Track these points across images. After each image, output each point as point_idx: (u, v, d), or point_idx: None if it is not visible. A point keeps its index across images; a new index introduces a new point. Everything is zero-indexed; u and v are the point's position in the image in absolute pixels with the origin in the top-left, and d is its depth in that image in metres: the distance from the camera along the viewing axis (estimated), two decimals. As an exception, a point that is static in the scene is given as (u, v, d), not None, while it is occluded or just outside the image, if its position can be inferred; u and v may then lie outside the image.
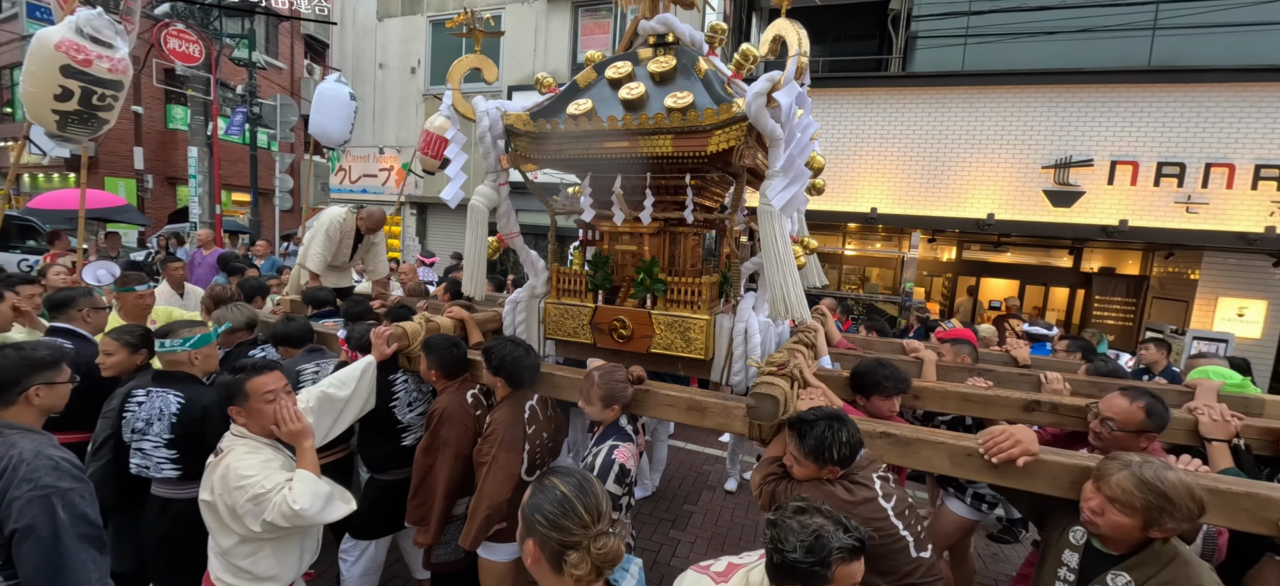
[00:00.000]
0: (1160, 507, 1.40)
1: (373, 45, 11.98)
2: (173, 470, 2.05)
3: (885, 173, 8.44)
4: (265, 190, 13.97)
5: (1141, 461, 1.46)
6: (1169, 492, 1.39)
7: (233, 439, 1.82)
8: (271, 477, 1.72)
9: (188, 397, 2.08)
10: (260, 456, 1.77)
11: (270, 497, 1.68)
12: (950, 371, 2.82)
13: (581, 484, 1.20)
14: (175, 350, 2.15)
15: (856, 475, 1.75)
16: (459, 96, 2.56)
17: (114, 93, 4.14)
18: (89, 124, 4.14)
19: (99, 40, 3.97)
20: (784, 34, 2.03)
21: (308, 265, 4.11)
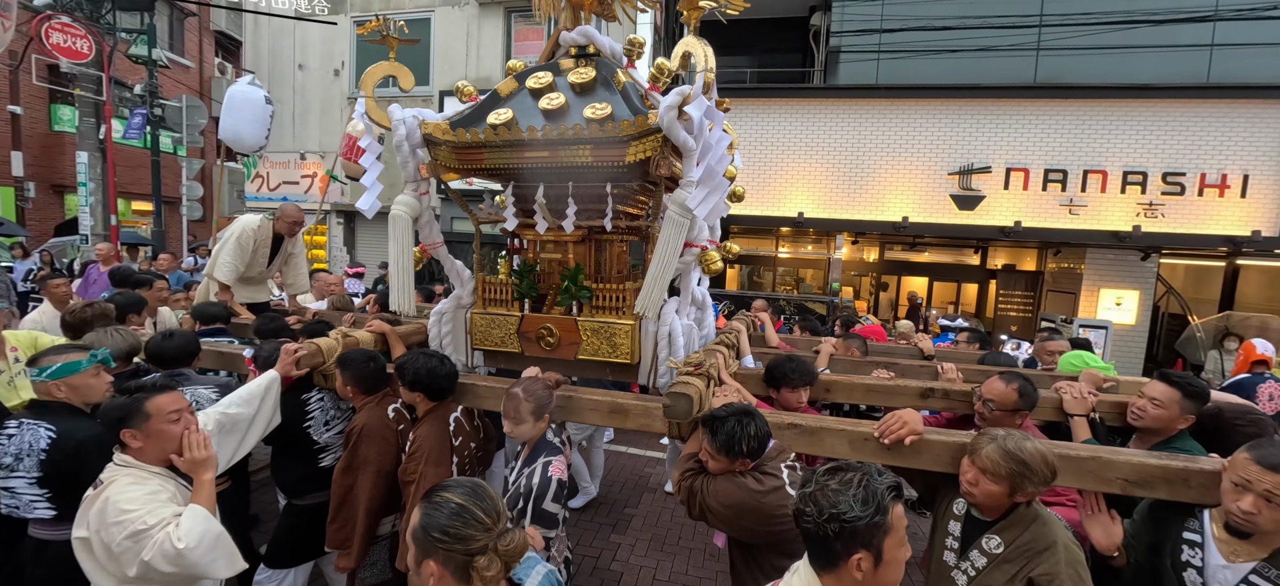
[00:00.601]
0: (1022, 474, 1.59)
1: (291, 44, 11.34)
2: (47, 510, 1.87)
3: (811, 179, 8.89)
4: (170, 199, 12.89)
5: (1006, 435, 1.65)
6: (1027, 460, 1.58)
7: (115, 468, 1.66)
8: (156, 512, 1.56)
9: (60, 431, 1.89)
10: (146, 488, 1.61)
11: (152, 534, 1.52)
12: (860, 365, 3.03)
13: (473, 489, 1.20)
14: (40, 380, 1.96)
15: (766, 466, 1.86)
16: (373, 104, 2.50)
17: None
18: None
19: None
20: (692, 50, 2.13)
21: (216, 275, 3.83)
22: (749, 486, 1.78)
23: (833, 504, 1.17)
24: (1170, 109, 7.78)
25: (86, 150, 10.09)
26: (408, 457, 2.18)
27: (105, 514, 1.55)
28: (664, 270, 2.22)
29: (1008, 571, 1.65)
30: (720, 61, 9.34)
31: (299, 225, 4.09)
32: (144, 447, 1.68)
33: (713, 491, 1.83)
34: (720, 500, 1.81)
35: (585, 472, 4.24)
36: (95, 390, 2.05)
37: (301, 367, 2.35)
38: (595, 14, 2.96)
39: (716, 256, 2.57)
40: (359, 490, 2.17)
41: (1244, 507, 1.49)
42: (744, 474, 1.82)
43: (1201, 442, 2.15)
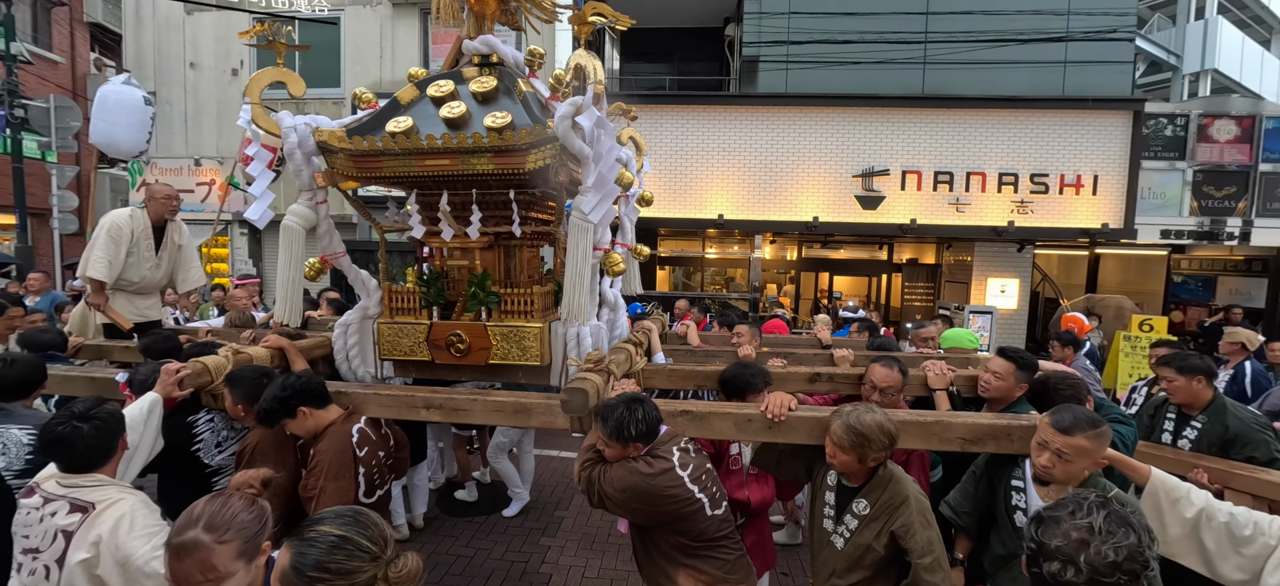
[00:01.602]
0: (863, 443, 1.83)
1: (180, 41, 10.46)
2: None
3: (729, 182, 9.30)
4: (39, 210, 11.50)
5: (850, 410, 1.88)
6: (865, 431, 1.82)
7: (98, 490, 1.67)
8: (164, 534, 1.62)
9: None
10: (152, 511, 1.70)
11: None
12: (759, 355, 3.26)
13: (354, 517, 1.13)
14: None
15: (657, 450, 1.99)
16: (259, 111, 2.42)
17: None
18: None
19: None
20: (583, 64, 2.24)
21: (90, 273, 3.42)
22: (640, 470, 1.91)
23: (1115, 548, 1.02)
24: (1034, 118, 8.83)
25: (-74, 157, 8.81)
26: (307, 473, 2.13)
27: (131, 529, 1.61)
28: (579, 274, 2.30)
29: (875, 528, 1.88)
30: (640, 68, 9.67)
31: (174, 203, 3.64)
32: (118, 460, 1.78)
33: (608, 478, 1.94)
34: (615, 485, 1.92)
35: (517, 479, 4.24)
36: None
37: (185, 388, 2.24)
38: (500, 23, 3.01)
39: (618, 258, 2.69)
40: (253, 509, 2.10)
41: (1042, 462, 1.79)
42: (636, 459, 1.95)
43: (1036, 407, 2.52)
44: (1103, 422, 1.74)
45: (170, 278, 3.83)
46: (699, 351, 3.48)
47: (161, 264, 3.64)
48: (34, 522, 1.65)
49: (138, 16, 10.66)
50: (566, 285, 2.34)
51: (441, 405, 2.31)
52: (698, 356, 3.40)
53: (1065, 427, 1.73)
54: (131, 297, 3.58)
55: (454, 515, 4.23)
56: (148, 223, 3.59)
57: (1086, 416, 1.73)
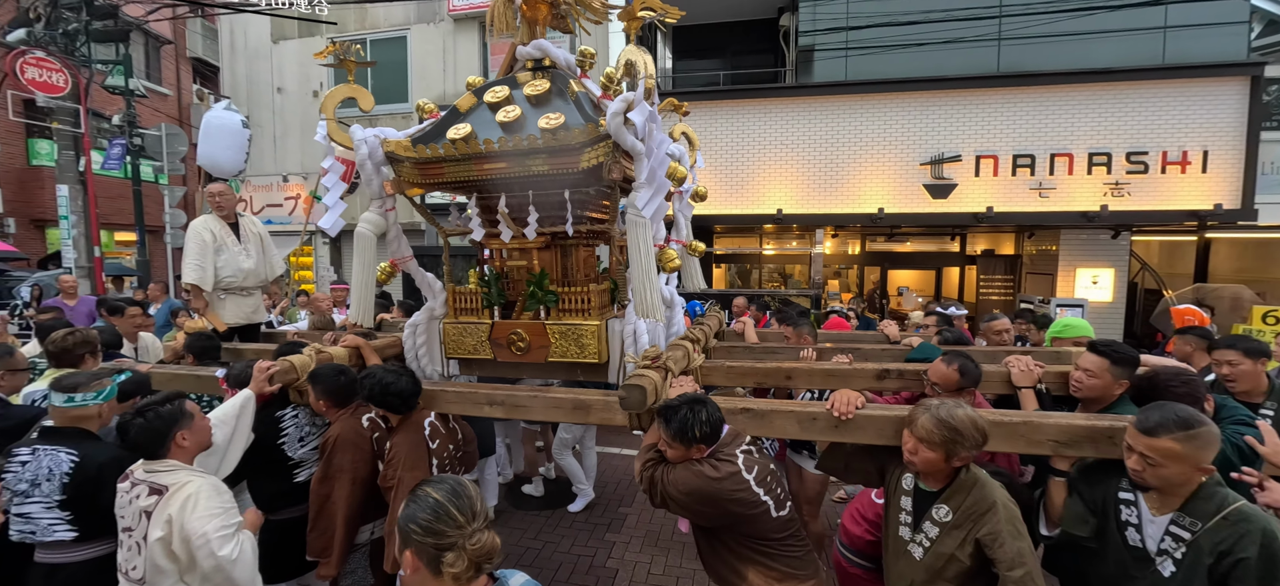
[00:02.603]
0: (954, 439, 1.69)
1: (268, 68, 11.39)
2: (67, 532, 1.94)
3: (788, 176, 9.03)
4: (154, 228, 12.85)
5: (938, 404, 1.75)
6: (958, 426, 1.68)
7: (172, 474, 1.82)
8: (232, 517, 1.81)
9: (82, 455, 1.97)
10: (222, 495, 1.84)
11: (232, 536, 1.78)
12: (823, 353, 3.14)
13: (454, 488, 1.23)
14: (85, 404, 2.03)
15: (722, 452, 1.95)
16: (334, 126, 2.58)
17: None
18: None
19: None
20: (633, 59, 2.23)
21: (185, 279, 3.79)
22: (705, 473, 1.87)
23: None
24: (1130, 91, 8.00)
25: (66, 183, 10.07)
26: (386, 465, 2.25)
27: (195, 509, 1.75)
28: (647, 271, 2.30)
29: (957, 536, 1.75)
30: (693, 65, 9.60)
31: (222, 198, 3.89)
32: (188, 447, 1.88)
33: (672, 479, 1.91)
34: (679, 487, 1.90)
35: (581, 475, 4.29)
36: (113, 413, 2.16)
37: (275, 384, 2.42)
38: (552, 27, 3.06)
39: (674, 254, 2.66)
40: (336, 498, 2.24)
41: (1131, 466, 1.60)
42: (700, 461, 1.91)
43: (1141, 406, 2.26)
44: (1199, 423, 1.52)
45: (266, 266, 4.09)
46: (757, 349, 3.39)
47: (250, 253, 3.91)
48: (125, 504, 1.85)
49: (232, 48, 11.71)
50: (635, 282, 2.33)
51: (503, 401, 2.37)
52: (756, 354, 3.31)
53: (1149, 428, 1.55)
54: (238, 300, 3.88)
55: (521, 509, 4.34)
56: (221, 222, 3.89)
57: (1177, 416, 1.53)
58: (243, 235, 3.91)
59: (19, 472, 1.97)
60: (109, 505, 1.91)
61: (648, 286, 2.39)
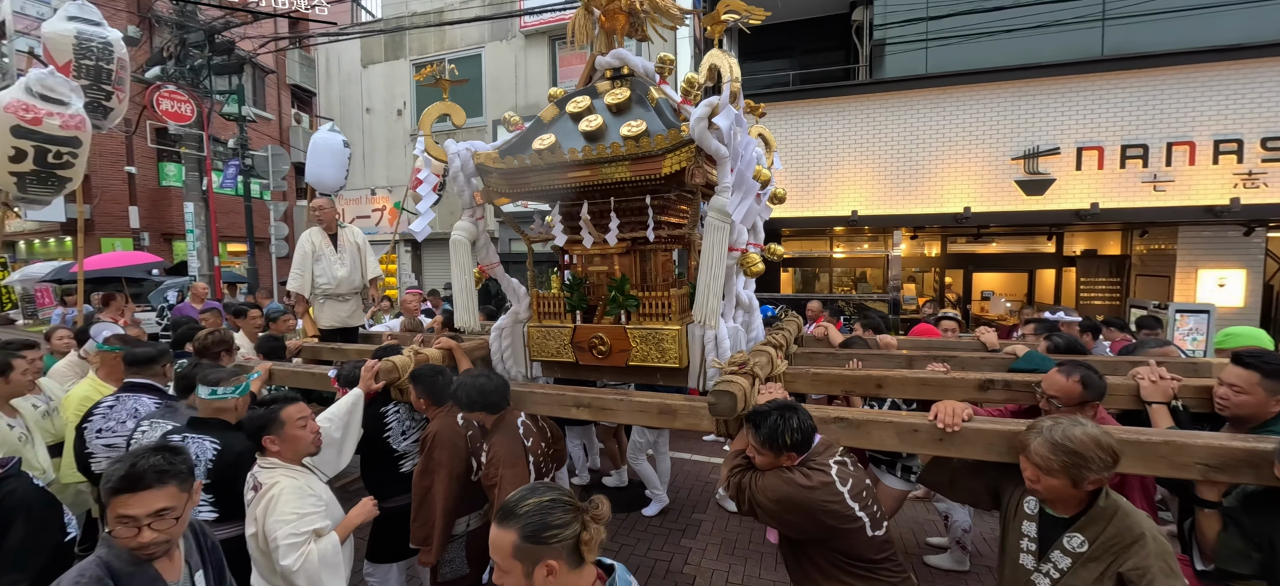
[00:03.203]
0: (1076, 463, 1.53)
1: (359, 91, 12.32)
2: (210, 512, 2.17)
3: (863, 176, 8.67)
4: (260, 239, 14.21)
5: (1052, 425, 1.59)
6: (1077, 448, 1.52)
7: (269, 472, 1.94)
8: (306, 522, 1.88)
9: (223, 444, 2.19)
10: (304, 498, 1.92)
11: (297, 546, 1.84)
12: (912, 360, 2.97)
13: (544, 485, 1.27)
14: (225, 398, 2.28)
15: (814, 461, 1.88)
16: (431, 142, 2.74)
17: (71, 150, 4.03)
18: (49, 184, 4.07)
19: (50, 98, 3.93)
20: (717, 63, 2.22)
21: (289, 287, 4.17)
22: (796, 482, 1.82)
23: None
24: (1262, 69, 7.05)
25: (192, 201, 11.33)
26: (487, 464, 2.33)
27: (271, 512, 1.85)
28: (714, 276, 2.29)
29: (1094, 569, 1.56)
30: (760, 67, 9.44)
31: (325, 212, 4.21)
32: (282, 450, 1.99)
33: (761, 487, 1.87)
34: (768, 495, 1.85)
35: (655, 480, 4.29)
36: (246, 407, 2.39)
37: (380, 382, 2.60)
38: (628, 36, 3.11)
39: (757, 258, 2.62)
40: (435, 491, 2.36)
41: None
42: (791, 469, 1.86)
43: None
44: None
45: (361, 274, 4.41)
46: (842, 354, 3.26)
47: (346, 262, 4.26)
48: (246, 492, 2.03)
49: (328, 74, 12.75)
50: (698, 287, 2.33)
51: (589, 404, 2.42)
52: (841, 360, 3.19)
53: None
54: (334, 305, 4.23)
55: (596, 510, 4.40)
56: (323, 234, 4.23)
57: None
58: (340, 245, 4.24)
59: None
60: (242, 489, 2.11)
61: (711, 291, 2.37)
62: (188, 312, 7.35)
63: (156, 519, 1.42)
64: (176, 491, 1.46)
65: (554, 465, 2.54)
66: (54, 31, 4.50)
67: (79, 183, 4.30)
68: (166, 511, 1.44)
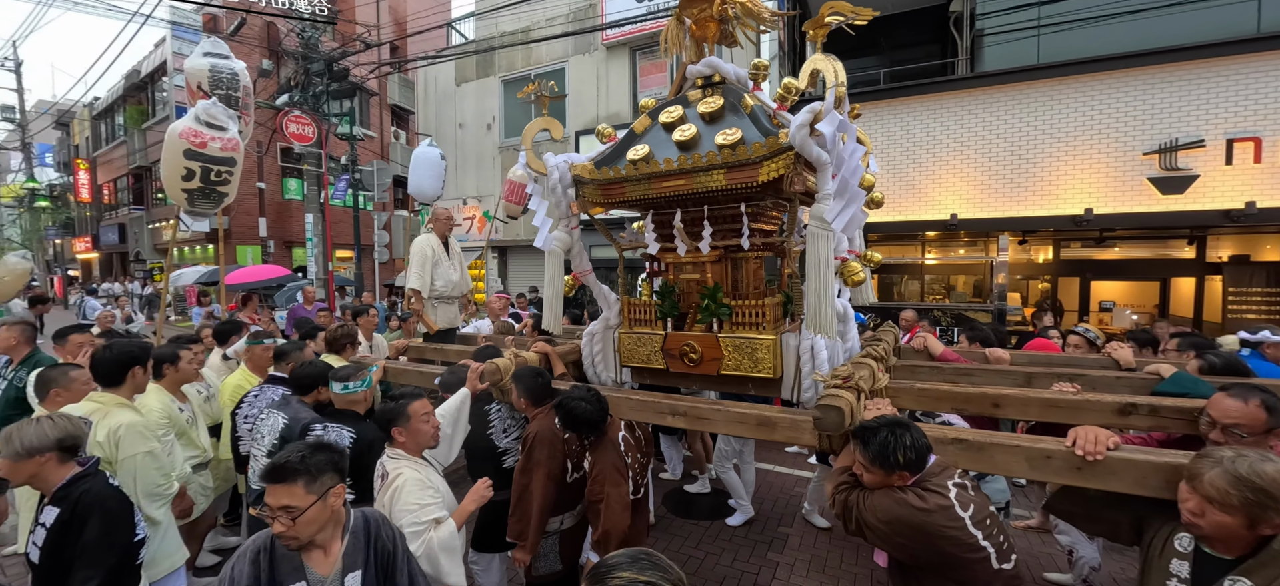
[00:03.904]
0: (1261, 503, 1.34)
1: (453, 108, 13.19)
2: (347, 495, 2.42)
3: (963, 177, 8.08)
4: (365, 246, 15.56)
5: (1235, 456, 1.40)
6: (1268, 487, 1.33)
7: (395, 462, 2.11)
8: (426, 512, 2.01)
9: (358, 433, 2.44)
10: (424, 490, 2.06)
11: (419, 534, 1.98)
12: (1033, 377, 2.72)
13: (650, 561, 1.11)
14: (354, 391, 2.53)
15: (929, 482, 1.77)
16: (532, 156, 2.88)
17: (227, 169, 4.64)
18: (211, 198, 4.72)
19: (213, 124, 4.56)
20: (821, 68, 2.16)
21: (409, 286, 4.53)
22: (910, 502, 1.72)
23: None
24: None
25: (311, 213, 12.62)
26: (591, 481, 2.39)
27: (395, 502, 2.01)
28: (824, 284, 2.23)
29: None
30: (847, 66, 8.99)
31: (452, 222, 4.57)
32: (406, 442, 2.14)
33: (870, 506, 1.79)
34: (877, 515, 1.77)
35: (741, 490, 4.22)
36: (372, 398, 2.64)
37: (484, 382, 2.76)
38: (718, 43, 3.10)
39: (858, 267, 2.52)
40: (532, 489, 2.46)
41: None
42: (904, 489, 1.76)
43: None
44: None
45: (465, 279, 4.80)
46: (948, 369, 3.05)
47: (456, 267, 4.62)
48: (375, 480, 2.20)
49: (425, 93, 13.76)
50: (810, 295, 2.26)
51: (686, 412, 2.42)
52: (947, 374, 2.99)
53: None
54: (445, 307, 4.57)
55: (678, 515, 4.40)
56: (438, 240, 4.57)
57: None
58: (451, 252, 4.57)
59: None
60: (371, 475, 2.31)
61: (823, 301, 2.29)
62: (302, 313, 8.22)
63: (283, 512, 1.47)
64: (302, 492, 1.49)
65: (645, 477, 2.58)
66: (193, 66, 5.20)
67: (233, 197, 4.93)
68: (290, 508, 1.47)
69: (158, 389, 3.00)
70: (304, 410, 2.65)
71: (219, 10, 14.37)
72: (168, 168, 4.40)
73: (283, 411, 2.68)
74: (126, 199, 22.08)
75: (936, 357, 3.34)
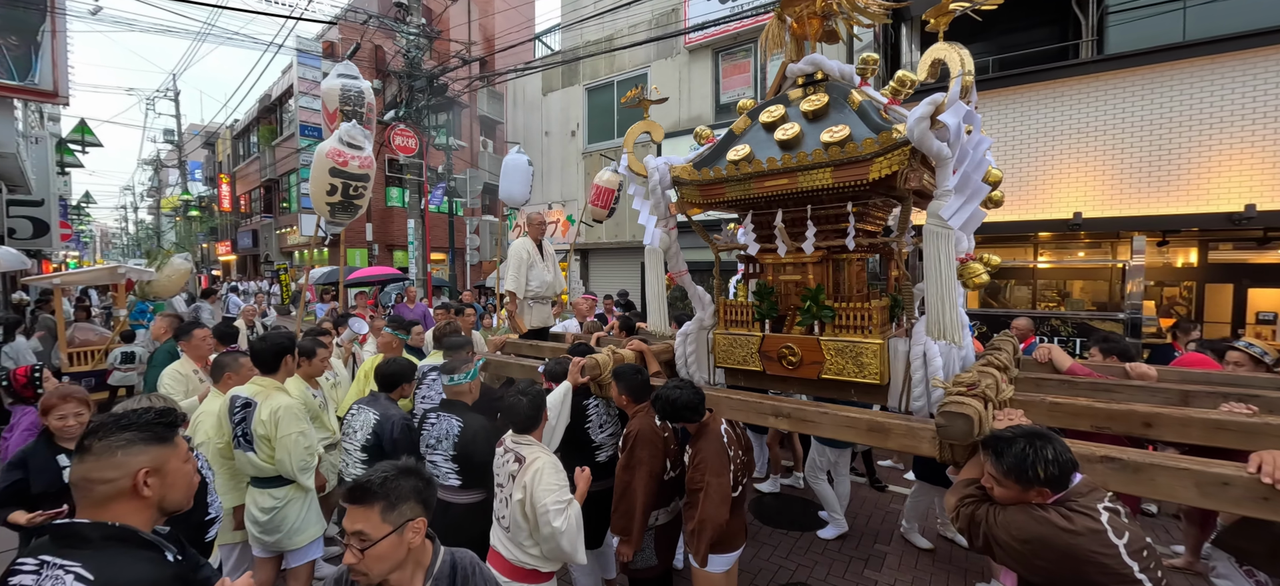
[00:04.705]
0: None
1: (540, 117, 13.78)
2: (455, 479, 2.61)
3: (1088, 172, 7.29)
4: (458, 248, 16.61)
5: None
6: None
7: (530, 449, 2.28)
8: (564, 493, 2.19)
9: (465, 422, 2.63)
10: (559, 473, 2.23)
11: (564, 510, 2.14)
12: (1190, 395, 2.41)
13: None
14: (461, 382, 2.74)
15: (1076, 502, 1.62)
16: (634, 158, 2.95)
17: (363, 183, 5.21)
18: (348, 210, 5.28)
19: (353, 145, 5.11)
20: (944, 57, 2.04)
21: (504, 287, 4.80)
22: (1053, 521, 1.58)
23: None
24: None
25: (413, 218, 13.68)
26: (692, 469, 2.43)
27: (538, 481, 2.16)
28: (946, 286, 2.12)
29: None
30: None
31: (545, 225, 4.80)
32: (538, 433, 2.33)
33: (1004, 522, 1.66)
34: (1012, 532, 1.64)
35: (835, 502, 4.06)
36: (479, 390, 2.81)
37: (584, 377, 2.86)
38: (819, 40, 3.02)
39: (980, 269, 2.36)
40: (635, 486, 2.52)
41: None
42: (1044, 507, 1.62)
43: None
44: None
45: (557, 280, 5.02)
46: (1081, 383, 2.77)
47: (550, 268, 4.84)
48: (500, 466, 2.34)
49: (514, 102, 14.49)
50: (930, 298, 2.15)
51: (789, 414, 2.38)
52: (1080, 389, 2.71)
53: None
54: (539, 307, 4.80)
55: (764, 522, 4.31)
56: (532, 243, 4.79)
57: None
58: (545, 254, 4.78)
59: (430, 430, 2.70)
60: (482, 462, 2.48)
61: (945, 304, 2.16)
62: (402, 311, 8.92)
63: (355, 538, 1.29)
64: (377, 519, 1.30)
65: (747, 475, 2.55)
66: (328, 87, 5.79)
67: (365, 209, 5.48)
68: (362, 536, 1.29)
69: (295, 378, 3.37)
70: (392, 407, 2.86)
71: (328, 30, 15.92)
72: (315, 184, 4.97)
73: (372, 408, 2.91)
74: (258, 208, 25.07)
75: (1064, 372, 3.04)
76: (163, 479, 1.25)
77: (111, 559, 1.13)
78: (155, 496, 1.24)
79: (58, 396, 2.42)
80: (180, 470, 1.31)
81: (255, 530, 2.77)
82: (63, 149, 13.81)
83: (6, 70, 7.15)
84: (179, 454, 1.31)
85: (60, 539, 1.14)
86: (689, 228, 3.34)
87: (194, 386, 3.70)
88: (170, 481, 1.28)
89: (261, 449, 2.69)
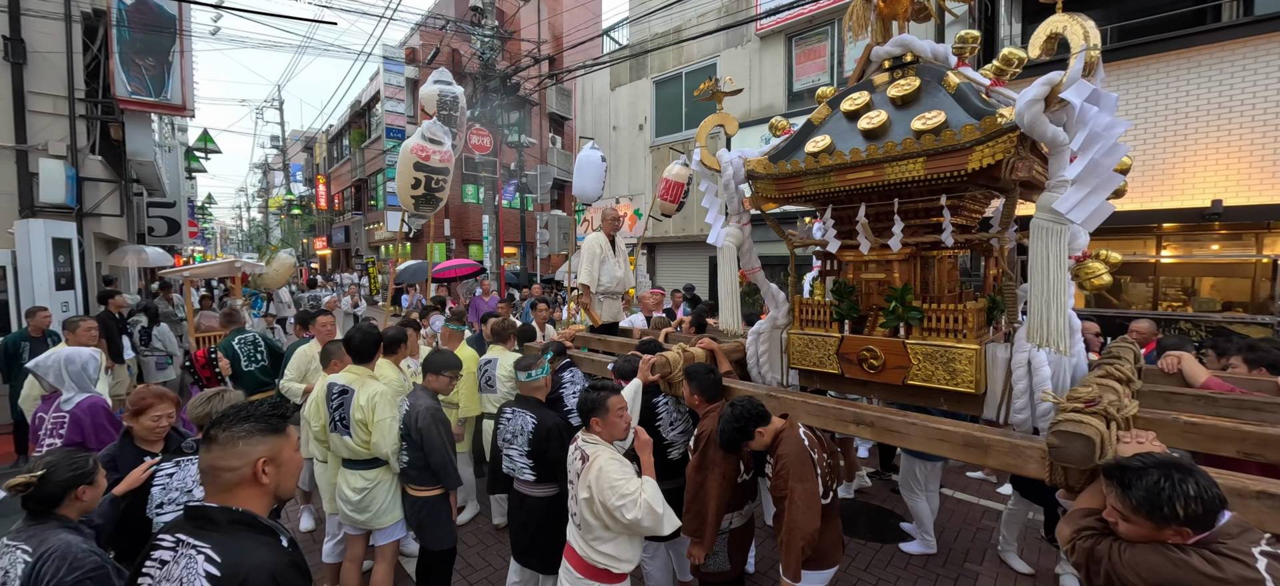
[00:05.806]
0: None
1: (608, 112, 13.90)
2: (530, 474, 2.68)
3: (1229, 153, 6.36)
4: (529, 243, 17.15)
5: None
6: None
7: (593, 446, 2.28)
8: (631, 482, 2.18)
9: (539, 419, 2.69)
10: (623, 465, 2.23)
11: (634, 498, 2.14)
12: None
13: None
14: (535, 379, 2.81)
15: (1224, 545, 1.40)
16: (706, 151, 2.88)
17: (443, 177, 5.43)
18: (430, 203, 5.54)
19: (434, 141, 5.35)
20: (1061, 29, 1.81)
21: (580, 279, 4.87)
22: (1195, 566, 1.37)
23: None
24: None
25: (488, 214, 14.28)
26: (775, 475, 2.31)
27: (601, 480, 2.17)
28: (1055, 288, 1.90)
29: None
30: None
31: (619, 221, 4.86)
32: (603, 432, 2.31)
33: (1131, 561, 1.46)
34: (1143, 575, 1.44)
35: (927, 520, 3.78)
36: (549, 385, 2.86)
37: (655, 374, 2.83)
38: (908, 18, 2.79)
39: (1101, 269, 2.10)
40: (708, 488, 2.47)
41: None
42: (1184, 549, 1.41)
43: None
44: None
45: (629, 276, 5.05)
46: (1222, 400, 2.40)
47: (621, 263, 4.87)
48: (571, 462, 2.36)
49: (583, 98, 14.71)
50: (1035, 300, 1.93)
51: (873, 423, 2.24)
52: (1222, 406, 2.35)
53: None
54: (610, 302, 4.85)
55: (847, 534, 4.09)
56: (605, 238, 4.82)
57: None
58: (617, 249, 4.81)
59: (506, 425, 2.78)
60: (556, 458, 2.52)
61: (1053, 308, 1.93)
62: (479, 304, 9.33)
63: None
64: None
65: (835, 480, 2.42)
66: (427, 92, 6.13)
67: (445, 201, 5.74)
68: None
69: (388, 363, 3.59)
70: (423, 398, 2.92)
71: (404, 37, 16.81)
72: (401, 178, 5.29)
73: (408, 398, 2.98)
74: (350, 206, 27.12)
75: (1199, 386, 2.65)
76: (278, 467, 1.37)
77: (236, 541, 1.24)
78: (272, 484, 1.36)
79: (154, 396, 2.36)
80: (293, 459, 1.42)
81: (347, 509, 2.98)
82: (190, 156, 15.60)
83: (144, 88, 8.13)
84: (291, 444, 1.42)
85: (193, 518, 1.27)
86: (761, 220, 3.23)
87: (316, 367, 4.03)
88: (285, 470, 1.39)
89: (357, 433, 2.87)
